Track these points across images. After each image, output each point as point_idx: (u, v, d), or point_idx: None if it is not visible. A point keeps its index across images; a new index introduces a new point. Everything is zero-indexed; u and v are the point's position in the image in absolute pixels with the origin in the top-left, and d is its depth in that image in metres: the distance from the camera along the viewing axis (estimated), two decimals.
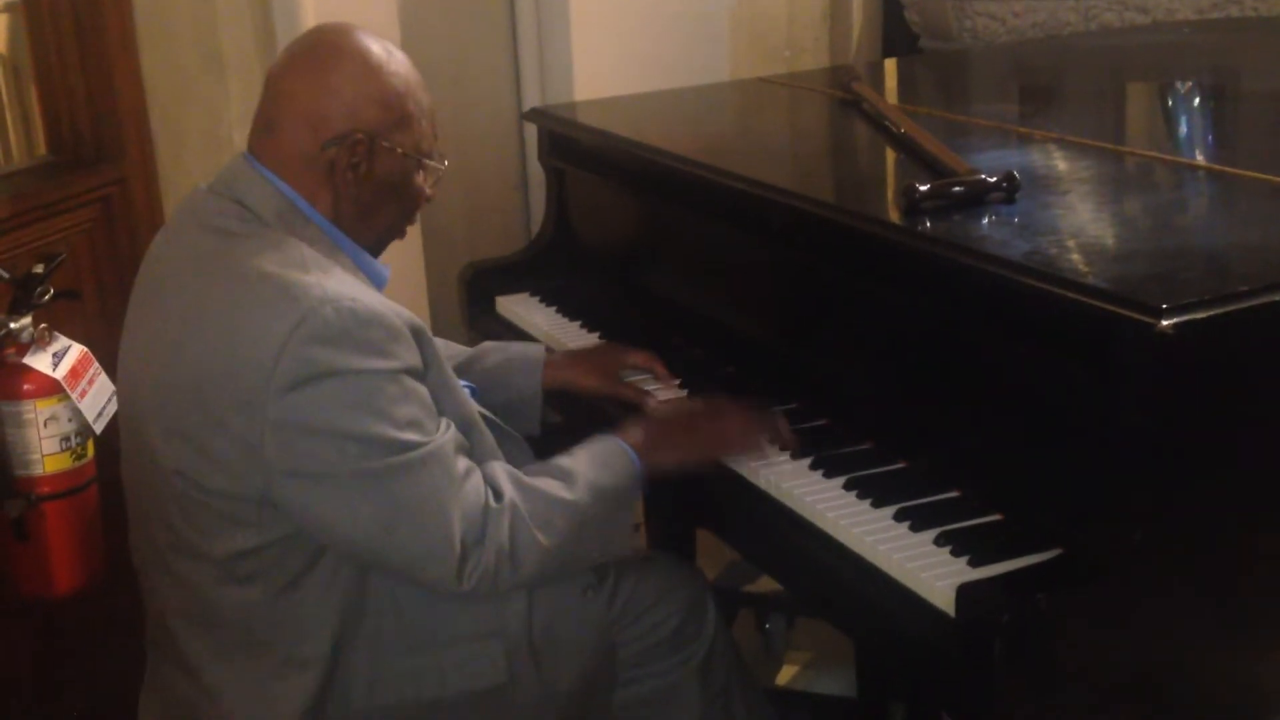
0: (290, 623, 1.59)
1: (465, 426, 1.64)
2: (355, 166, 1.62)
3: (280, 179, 1.62)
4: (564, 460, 1.67)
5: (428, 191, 1.72)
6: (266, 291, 1.50)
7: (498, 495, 1.57)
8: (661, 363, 1.99)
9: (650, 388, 1.96)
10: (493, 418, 1.76)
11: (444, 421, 1.58)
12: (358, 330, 1.49)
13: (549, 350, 2.04)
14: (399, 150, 1.65)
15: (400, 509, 1.51)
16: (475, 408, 1.70)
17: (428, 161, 1.69)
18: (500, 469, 1.63)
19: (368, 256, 1.69)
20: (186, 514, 1.58)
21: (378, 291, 1.63)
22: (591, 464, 1.66)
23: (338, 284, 1.53)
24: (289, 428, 1.48)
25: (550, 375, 1.98)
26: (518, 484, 1.60)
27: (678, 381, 1.97)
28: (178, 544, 1.61)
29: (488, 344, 2.04)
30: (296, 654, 1.59)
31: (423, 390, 1.56)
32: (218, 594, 1.59)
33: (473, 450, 1.63)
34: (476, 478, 1.57)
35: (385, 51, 1.65)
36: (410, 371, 1.54)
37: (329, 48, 1.64)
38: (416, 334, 1.57)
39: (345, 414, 1.48)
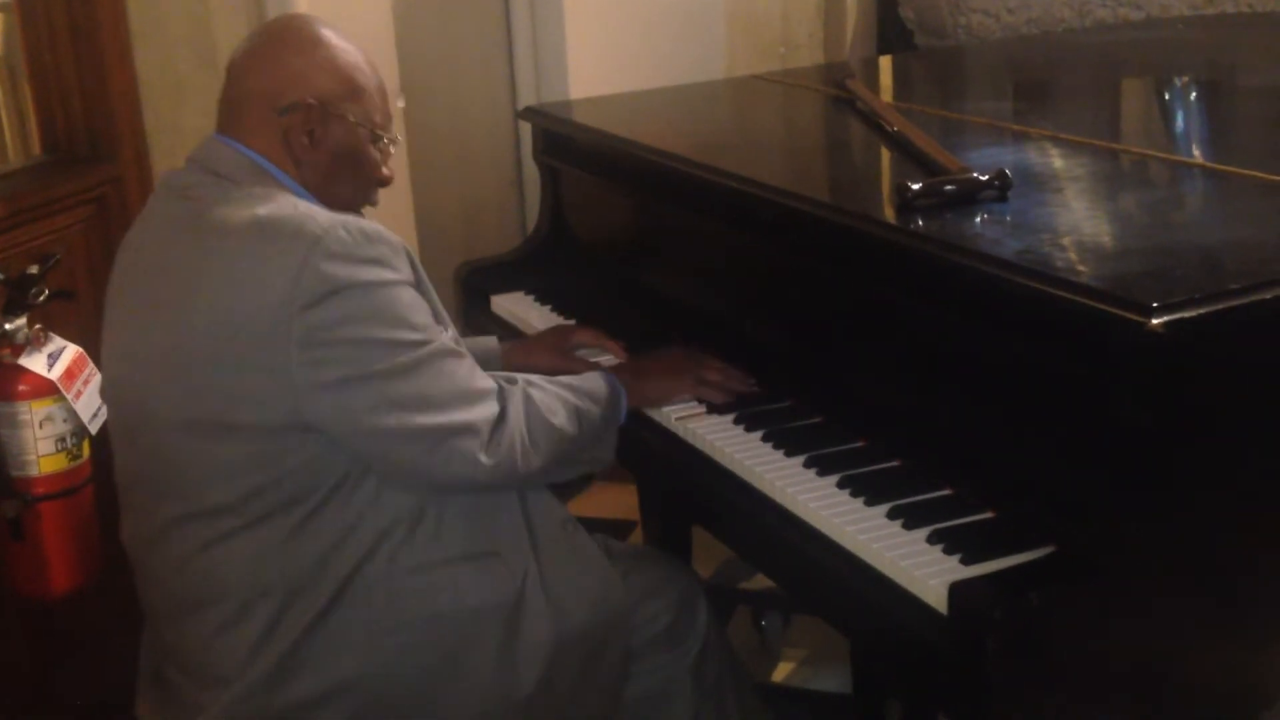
0: (302, 563, 1.60)
1: None
2: (310, 132, 1.68)
3: (249, 149, 1.67)
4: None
5: (384, 171, 1.76)
6: (271, 228, 1.56)
7: (510, 381, 1.70)
8: (608, 337, 2.07)
9: (601, 359, 2.04)
10: None
11: (442, 324, 1.67)
12: (368, 247, 1.57)
13: (500, 340, 2.11)
14: (350, 119, 1.70)
15: (427, 397, 1.59)
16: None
17: (380, 133, 1.73)
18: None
19: None
20: (203, 468, 1.60)
21: None
22: (577, 379, 1.80)
23: (335, 213, 1.61)
24: (313, 342, 1.54)
25: (507, 363, 2.04)
26: (523, 376, 1.74)
27: (625, 352, 2.05)
28: (183, 514, 1.62)
29: None
30: (301, 595, 1.61)
31: (423, 300, 1.65)
32: (225, 554, 1.60)
33: None
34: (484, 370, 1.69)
35: (335, 33, 1.72)
36: (410, 284, 1.63)
37: (281, 30, 1.74)
38: (409, 255, 1.66)
39: (365, 323, 1.56)
